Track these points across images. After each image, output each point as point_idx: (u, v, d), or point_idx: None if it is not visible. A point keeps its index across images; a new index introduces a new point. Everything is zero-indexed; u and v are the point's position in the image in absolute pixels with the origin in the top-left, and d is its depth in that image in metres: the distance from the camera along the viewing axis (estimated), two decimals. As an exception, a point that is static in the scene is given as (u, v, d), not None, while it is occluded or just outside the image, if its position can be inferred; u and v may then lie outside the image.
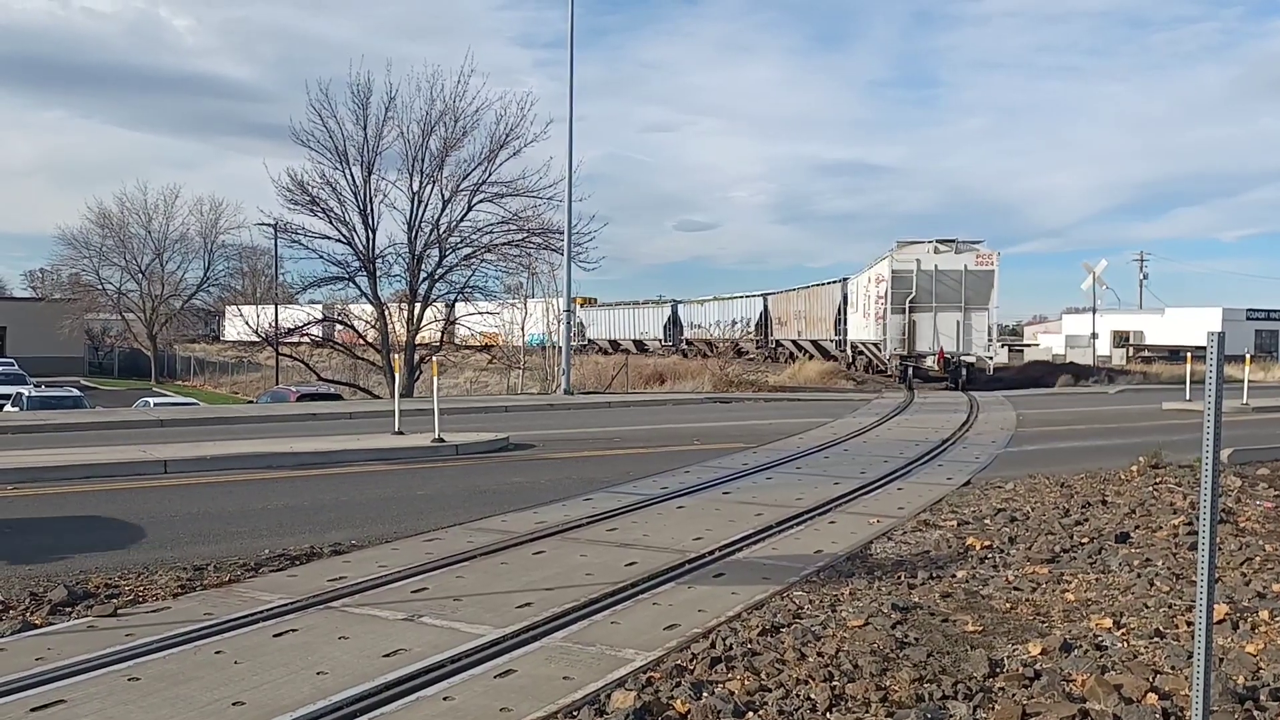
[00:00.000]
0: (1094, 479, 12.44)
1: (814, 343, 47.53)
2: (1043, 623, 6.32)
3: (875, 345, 36.29)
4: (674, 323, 63.09)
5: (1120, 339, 63.15)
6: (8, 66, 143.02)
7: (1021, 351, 62.59)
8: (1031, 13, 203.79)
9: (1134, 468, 12.92)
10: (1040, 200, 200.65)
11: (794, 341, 50.85)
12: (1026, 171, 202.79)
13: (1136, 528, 9.25)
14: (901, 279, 32.79)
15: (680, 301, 64.59)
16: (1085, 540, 8.73)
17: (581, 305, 40.43)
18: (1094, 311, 50.70)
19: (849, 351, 42.98)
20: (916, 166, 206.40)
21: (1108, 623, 6.18)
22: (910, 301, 32.84)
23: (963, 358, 32.83)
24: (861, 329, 39.04)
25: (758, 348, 52.45)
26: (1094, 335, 49.91)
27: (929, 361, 32.96)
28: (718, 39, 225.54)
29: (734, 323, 55.82)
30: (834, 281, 45.27)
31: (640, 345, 62.67)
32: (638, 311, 66.82)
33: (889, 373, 35.90)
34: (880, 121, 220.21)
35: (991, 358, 34.31)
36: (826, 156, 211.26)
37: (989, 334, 33.58)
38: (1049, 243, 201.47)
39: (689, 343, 58.35)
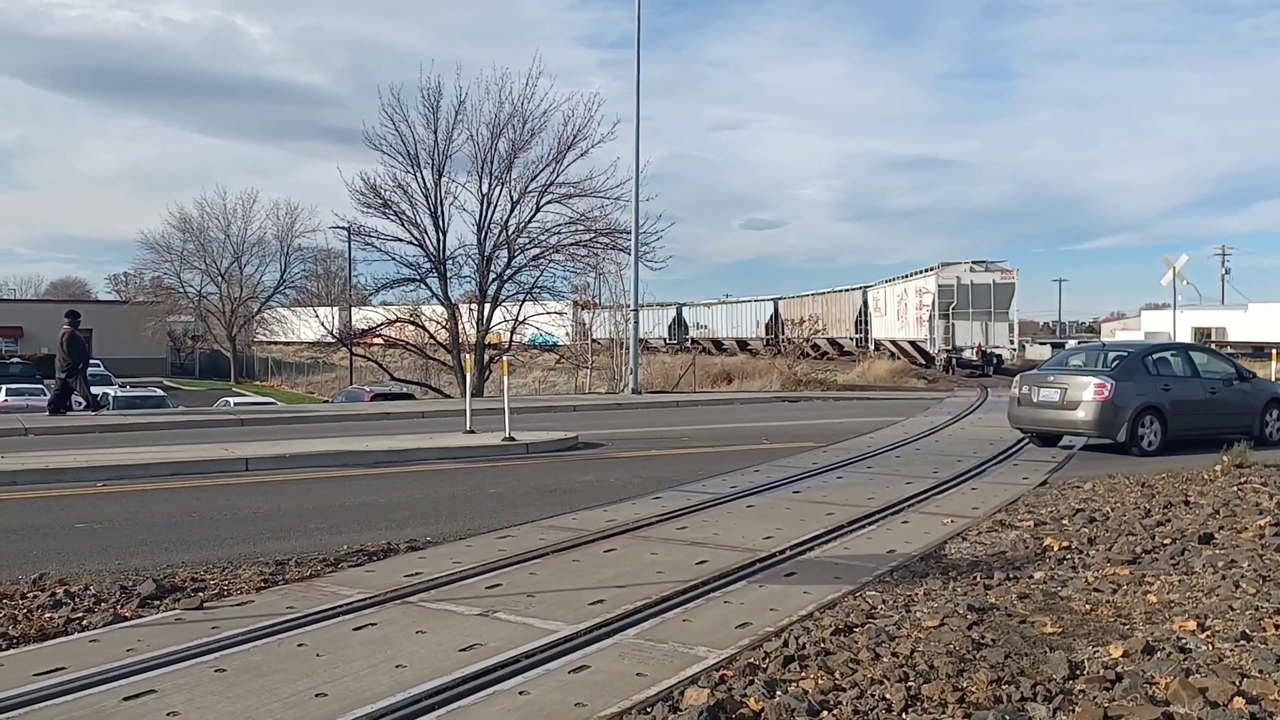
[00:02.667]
0: (1176, 478, 12.14)
1: (831, 340, 55.87)
2: (1124, 625, 6.20)
3: (912, 343, 45.95)
4: (679, 323, 69.11)
5: (1201, 335, 61.38)
6: (94, 77, 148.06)
7: (1099, 349, 61.09)
8: (1105, 1, 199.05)
9: (1217, 467, 12.57)
10: (1117, 193, 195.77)
11: (807, 340, 57.38)
12: (1103, 164, 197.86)
13: (1221, 528, 9.00)
14: (945, 291, 41.94)
15: (685, 304, 71.37)
16: (1167, 541, 8.52)
17: (584, 308, 41.26)
18: (1174, 308, 49.40)
19: (870, 346, 51.98)
20: (988, 160, 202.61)
21: (1191, 625, 6.03)
22: (952, 309, 42.00)
23: (993, 351, 42.11)
24: (894, 329, 48.61)
25: (766, 345, 59.51)
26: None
27: (967, 354, 42.11)
28: (783, 35, 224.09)
29: (752, 323, 64.53)
30: (854, 289, 55.23)
31: (644, 343, 66.92)
32: (643, 313, 69.99)
33: (931, 365, 43.70)
34: (950, 115, 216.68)
35: (1014, 350, 44.72)
36: (896, 152, 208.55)
37: (1011, 333, 43.51)
38: (1127, 237, 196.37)
39: (694, 341, 65.15)
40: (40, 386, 42.52)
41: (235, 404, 32.54)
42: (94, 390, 21.59)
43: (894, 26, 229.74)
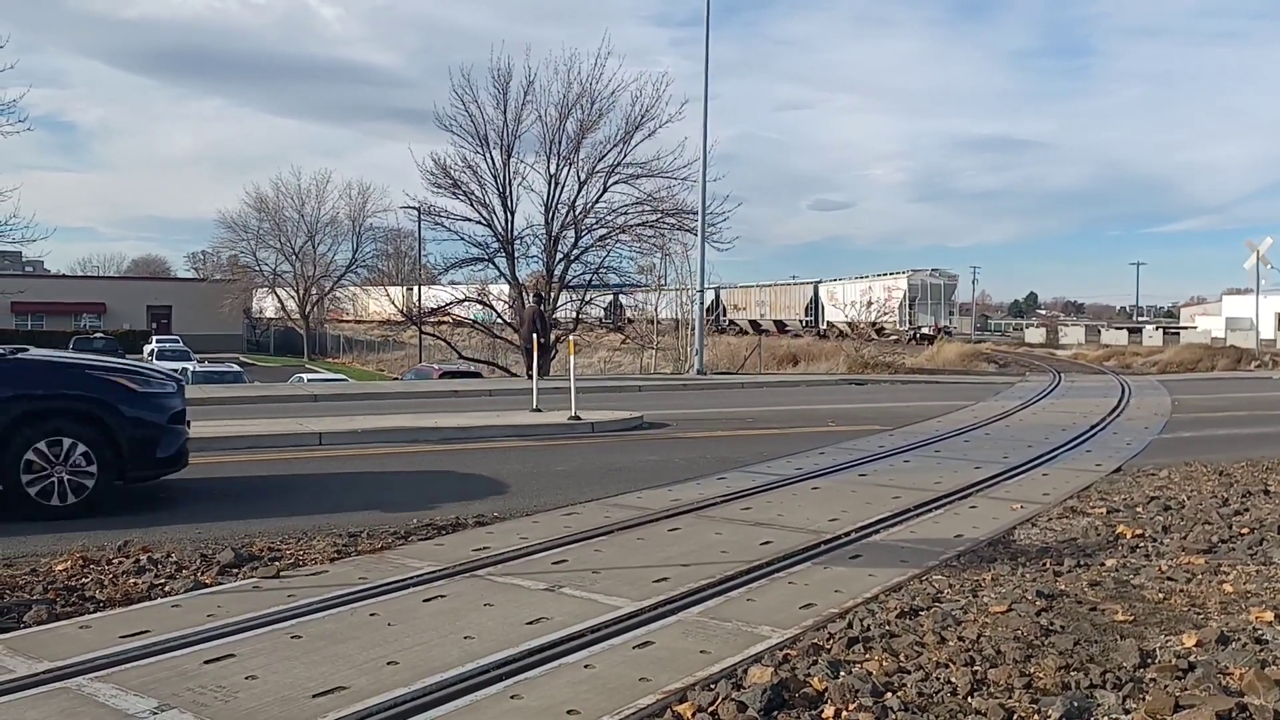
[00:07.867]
0: (1255, 467, 11.82)
1: (776, 322, 71.46)
2: (1198, 614, 6.08)
3: (871, 324, 58.81)
4: (615, 306, 71.27)
5: (1286, 321, 59.37)
6: (171, 59, 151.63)
7: (1177, 334, 59.52)
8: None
9: (1301, 457, 12.22)
10: (1200, 174, 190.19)
11: (751, 321, 73.22)
12: (1185, 144, 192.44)
13: (1303, 519, 8.76)
14: (913, 289, 62.38)
15: (622, 289, 75.36)
16: (1245, 531, 8.32)
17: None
18: (1257, 292, 47.93)
19: (822, 326, 67.00)
20: (1066, 140, 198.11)
21: (1268, 616, 5.89)
22: (916, 301, 62.24)
23: (944, 327, 60.40)
24: (854, 314, 62.66)
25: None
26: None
27: (925, 330, 59.36)
28: (855, 12, 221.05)
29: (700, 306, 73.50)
30: (805, 282, 71.57)
31: (581, 321, 70.43)
32: (590, 294, 75.68)
33: (892, 339, 56.84)
34: (1027, 94, 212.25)
35: (955, 329, 65.80)
36: (969, 132, 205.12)
37: (953, 316, 65.80)
38: (1208, 220, 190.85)
39: (630, 320, 70.39)
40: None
41: (309, 380, 33.18)
42: (174, 365, 22.20)
43: (969, 3, 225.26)
